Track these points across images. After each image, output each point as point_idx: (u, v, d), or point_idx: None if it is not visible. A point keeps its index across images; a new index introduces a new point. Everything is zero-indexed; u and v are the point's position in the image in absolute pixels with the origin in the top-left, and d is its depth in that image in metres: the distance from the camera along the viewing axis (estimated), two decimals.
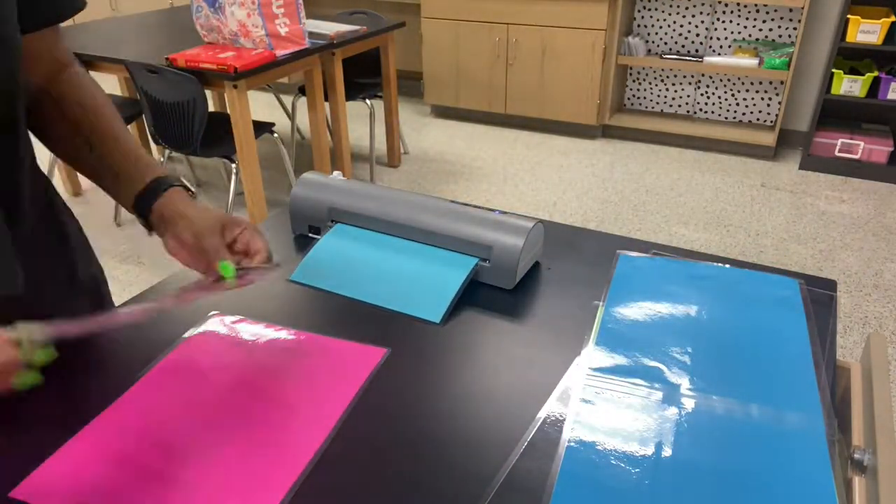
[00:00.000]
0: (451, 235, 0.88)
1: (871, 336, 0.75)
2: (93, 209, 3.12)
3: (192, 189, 0.77)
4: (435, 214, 0.90)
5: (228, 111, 2.56)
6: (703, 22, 3.78)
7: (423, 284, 0.86)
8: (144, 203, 0.72)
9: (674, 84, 4.00)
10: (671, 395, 0.67)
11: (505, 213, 0.89)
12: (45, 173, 0.80)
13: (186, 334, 0.78)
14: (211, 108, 3.75)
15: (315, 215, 0.97)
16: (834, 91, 3.32)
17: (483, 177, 3.49)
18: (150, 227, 0.74)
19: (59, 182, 3.24)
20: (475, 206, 0.91)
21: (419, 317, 0.81)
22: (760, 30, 3.67)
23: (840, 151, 3.44)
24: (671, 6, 3.80)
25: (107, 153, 0.74)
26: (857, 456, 0.62)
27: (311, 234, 0.99)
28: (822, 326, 0.78)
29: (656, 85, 4.05)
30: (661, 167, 3.61)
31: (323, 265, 0.91)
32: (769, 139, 3.64)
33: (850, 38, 3.19)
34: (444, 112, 4.39)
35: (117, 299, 0.91)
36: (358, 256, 0.91)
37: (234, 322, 0.80)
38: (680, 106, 4.04)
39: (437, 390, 0.70)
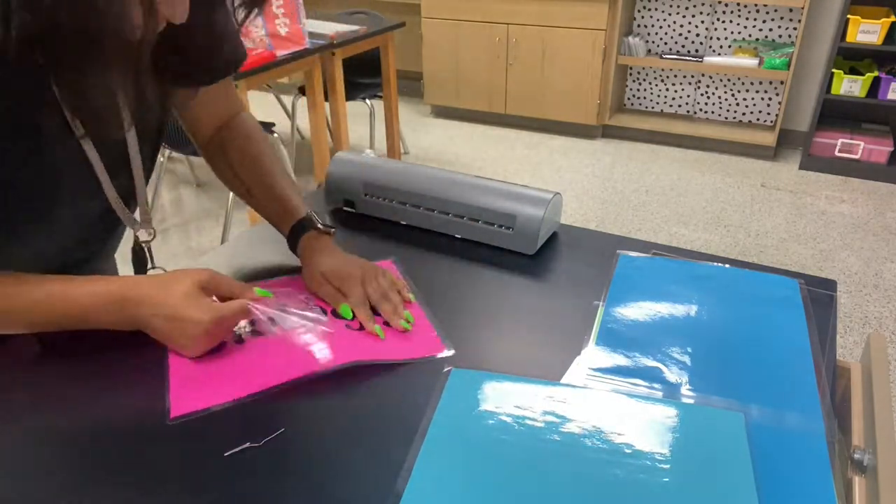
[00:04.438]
0: (477, 207, 0.95)
1: (871, 336, 0.75)
2: None
3: (331, 229, 0.89)
4: (462, 188, 0.98)
5: None
6: (703, 22, 3.78)
7: None
8: (292, 242, 0.87)
9: (674, 84, 4.00)
10: (671, 395, 0.67)
11: (526, 186, 0.97)
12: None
13: None
14: None
15: (350, 190, 1.04)
16: (834, 91, 3.32)
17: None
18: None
19: None
20: (498, 181, 0.99)
21: None
22: (760, 30, 3.67)
23: (840, 151, 3.44)
24: (671, 6, 3.80)
25: (263, 200, 0.91)
26: (857, 456, 0.62)
27: (345, 208, 1.06)
28: (822, 326, 0.78)
29: (656, 85, 4.05)
30: (661, 167, 3.61)
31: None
32: (769, 139, 3.64)
33: (850, 38, 3.19)
34: (444, 112, 4.39)
35: None
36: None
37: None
38: (680, 106, 4.04)
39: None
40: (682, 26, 3.83)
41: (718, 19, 3.74)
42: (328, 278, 0.81)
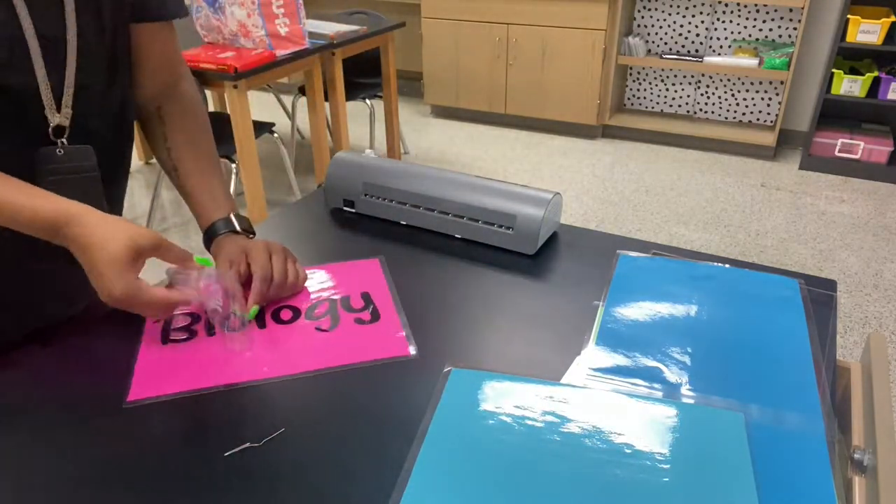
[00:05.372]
0: (477, 207, 0.95)
1: (871, 336, 0.75)
2: None
3: (251, 232, 0.91)
4: (462, 188, 0.98)
5: (228, 111, 2.56)
6: (703, 22, 3.78)
7: None
8: (207, 240, 0.89)
9: (674, 84, 4.00)
10: (671, 395, 0.67)
11: (526, 186, 0.97)
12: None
13: None
14: (211, 108, 3.76)
15: (350, 190, 1.04)
16: (834, 91, 3.32)
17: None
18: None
19: None
20: (498, 181, 0.99)
21: None
22: (760, 30, 3.67)
23: (840, 151, 3.44)
24: (671, 6, 3.80)
25: (186, 182, 0.90)
26: (857, 456, 0.62)
27: (345, 208, 1.06)
28: (822, 326, 0.78)
29: (656, 85, 4.05)
30: (661, 167, 3.61)
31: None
32: (769, 139, 3.64)
33: (850, 38, 3.19)
34: (444, 112, 4.39)
35: None
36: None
37: None
38: (680, 106, 4.04)
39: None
40: (682, 26, 3.83)
41: (718, 19, 3.73)
42: (233, 259, 0.84)
